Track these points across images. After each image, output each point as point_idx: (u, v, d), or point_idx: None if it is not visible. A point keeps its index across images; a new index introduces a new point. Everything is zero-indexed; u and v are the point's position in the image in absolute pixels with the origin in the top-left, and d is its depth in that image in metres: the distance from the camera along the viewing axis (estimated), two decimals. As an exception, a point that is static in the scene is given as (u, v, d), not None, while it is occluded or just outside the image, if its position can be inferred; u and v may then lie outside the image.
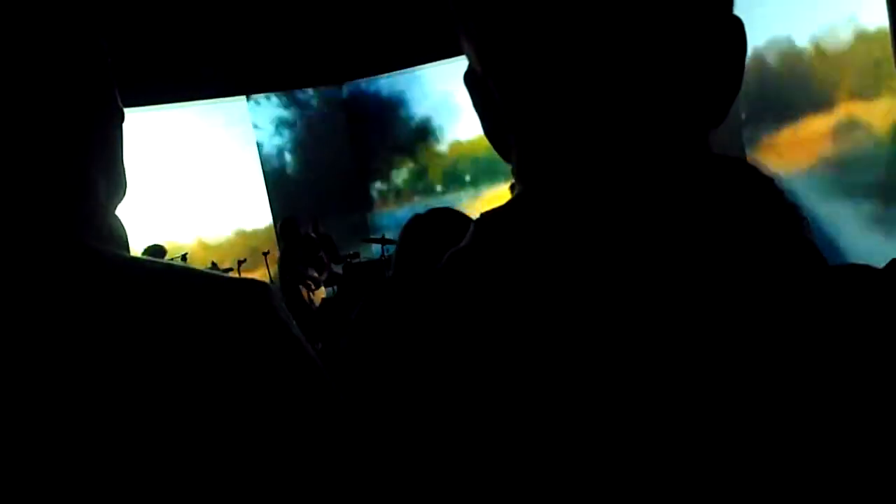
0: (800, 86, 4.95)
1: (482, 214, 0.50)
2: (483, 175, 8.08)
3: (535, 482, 0.42)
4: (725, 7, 0.46)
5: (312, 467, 0.54)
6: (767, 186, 0.47)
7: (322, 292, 7.01)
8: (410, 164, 9.00)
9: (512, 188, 0.51)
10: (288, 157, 9.11)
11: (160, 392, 0.52)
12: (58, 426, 0.50)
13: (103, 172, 0.63)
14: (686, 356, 0.41)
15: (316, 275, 6.83)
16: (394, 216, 8.70)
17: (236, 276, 0.62)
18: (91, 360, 0.51)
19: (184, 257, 7.10)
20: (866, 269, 0.44)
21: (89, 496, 0.50)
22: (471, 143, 8.10)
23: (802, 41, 4.81)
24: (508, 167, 0.51)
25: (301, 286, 6.65)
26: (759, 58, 4.92)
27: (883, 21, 4.29)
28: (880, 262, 0.45)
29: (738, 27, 0.46)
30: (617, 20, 0.42)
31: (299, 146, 9.18)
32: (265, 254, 7.51)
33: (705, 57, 0.44)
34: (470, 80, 0.50)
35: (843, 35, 4.56)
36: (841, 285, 0.43)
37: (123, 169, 0.66)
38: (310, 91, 9.04)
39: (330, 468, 0.54)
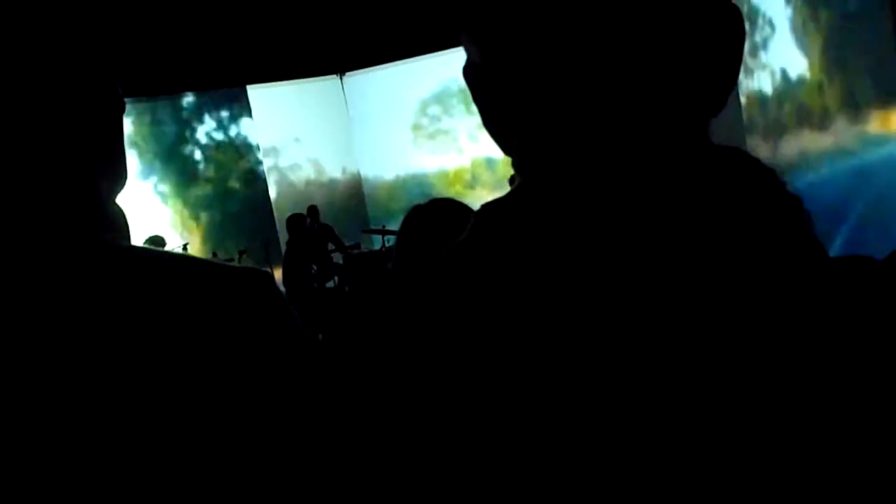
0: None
1: (482, 206, 0.51)
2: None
3: (534, 475, 0.43)
4: None
5: (310, 455, 0.54)
6: (769, 178, 0.47)
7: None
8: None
9: (511, 180, 0.51)
10: (288, 148, 9.11)
11: (163, 378, 0.52)
12: (63, 413, 0.50)
13: (104, 162, 0.63)
14: (686, 348, 0.41)
15: (316, 267, 6.85)
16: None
17: (238, 265, 0.63)
18: (94, 348, 0.52)
19: (185, 247, 7.11)
20: (867, 261, 0.44)
21: (95, 478, 0.50)
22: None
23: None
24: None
25: (306, 278, 6.68)
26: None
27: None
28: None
29: (735, 15, 0.46)
30: (616, 10, 0.42)
31: (300, 137, 9.18)
32: (266, 244, 7.52)
33: (703, 45, 0.44)
34: (470, 73, 0.50)
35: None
36: (842, 277, 0.43)
37: (124, 159, 0.66)
38: (310, 81, 9.02)
39: (327, 457, 0.54)
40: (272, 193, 8.78)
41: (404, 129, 8.93)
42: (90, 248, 0.56)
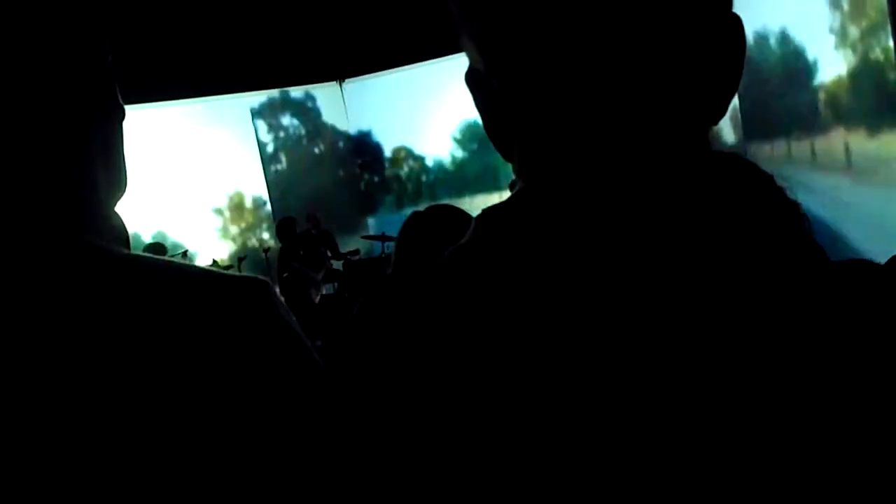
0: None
1: (483, 211, 0.51)
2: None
3: (534, 478, 0.42)
4: (724, 5, 0.46)
5: (312, 464, 0.54)
6: (767, 183, 0.47)
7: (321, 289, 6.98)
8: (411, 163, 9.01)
9: (512, 186, 0.51)
10: (289, 154, 9.11)
11: (161, 388, 0.52)
12: (58, 423, 0.50)
13: (104, 169, 0.63)
14: (686, 352, 0.41)
15: (313, 274, 6.80)
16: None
17: (237, 273, 0.63)
18: (92, 357, 0.52)
19: (184, 254, 7.10)
20: (867, 265, 0.44)
21: (89, 494, 0.50)
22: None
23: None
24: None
25: (299, 284, 6.62)
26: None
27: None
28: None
29: (736, 25, 0.46)
30: (619, 18, 0.42)
31: (300, 144, 9.19)
32: (265, 251, 7.51)
33: (705, 54, 0.44)
34: (472, 78, 0.50)
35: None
36: (841, 281, 0.43)
37: (124, 166, 0.66)
38: (310, 88, 9.04)
39: (329, 465, 0.54)
40: (271, 200, 8.79)
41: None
42: (86, 254, 0.56)
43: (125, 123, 0.66)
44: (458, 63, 0.51)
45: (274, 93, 8.74)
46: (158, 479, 0.51)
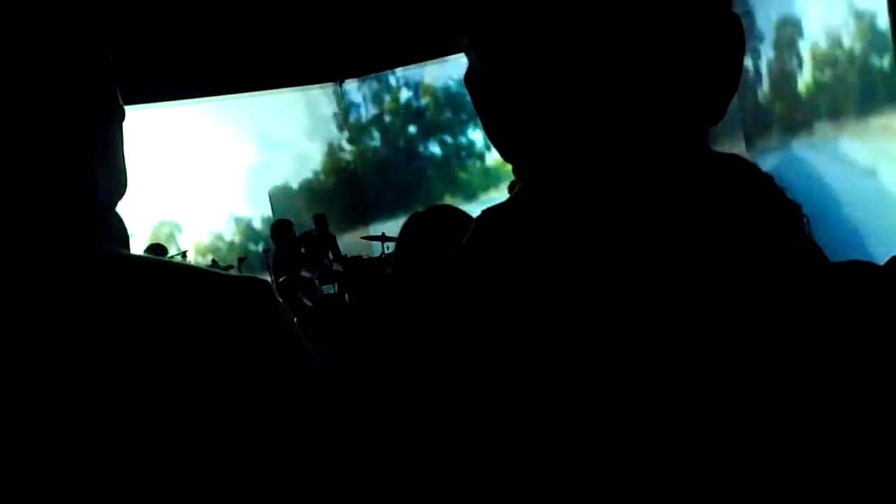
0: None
1: (483, 212, 0.51)
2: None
3: (534, 479, 0.42)
4: (724, 5, 0.46)
5: (312, 464, 0.54)
6: (767, 184, 0.47)
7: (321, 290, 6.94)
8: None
9: (511, 187, 0.51)
10: (290, 155, 9.13)
11: (162, 389, 0.52)
12: (59, 424, 0.50)
13: (103, 171, 0.63)
14: (686, 353, 0.41)
15: (309, 275, 6.74)
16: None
17: (237, 273, 0.62)
18: (92, 358, 0.52)
19: (184, 255, 7.10)
20: (867, 266, 0.44)
21: (90, 493, 0.50)
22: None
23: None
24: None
25: (296, 287, 6.56)
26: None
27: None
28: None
29: (735, 24, 0.46)
30: (617, 17, 0.42)
31: (300, 144, 9.20)
32: (265, 251, 7.50)
33: (704, 54, 0.44)
34: (472, 78, 0.50)
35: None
36: (841, 282, 0.43)
37: (124, 167, 0.66)
38: (309, 89, 9.05)
39: (330, 465, 0.54)
40: (272, 201, 8.80)
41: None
42: (85, 255, 0.56)
43: (125, 124, 0.66)
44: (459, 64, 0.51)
45: (276, 93, 8.74)
46: (158, 479, 0.51)
